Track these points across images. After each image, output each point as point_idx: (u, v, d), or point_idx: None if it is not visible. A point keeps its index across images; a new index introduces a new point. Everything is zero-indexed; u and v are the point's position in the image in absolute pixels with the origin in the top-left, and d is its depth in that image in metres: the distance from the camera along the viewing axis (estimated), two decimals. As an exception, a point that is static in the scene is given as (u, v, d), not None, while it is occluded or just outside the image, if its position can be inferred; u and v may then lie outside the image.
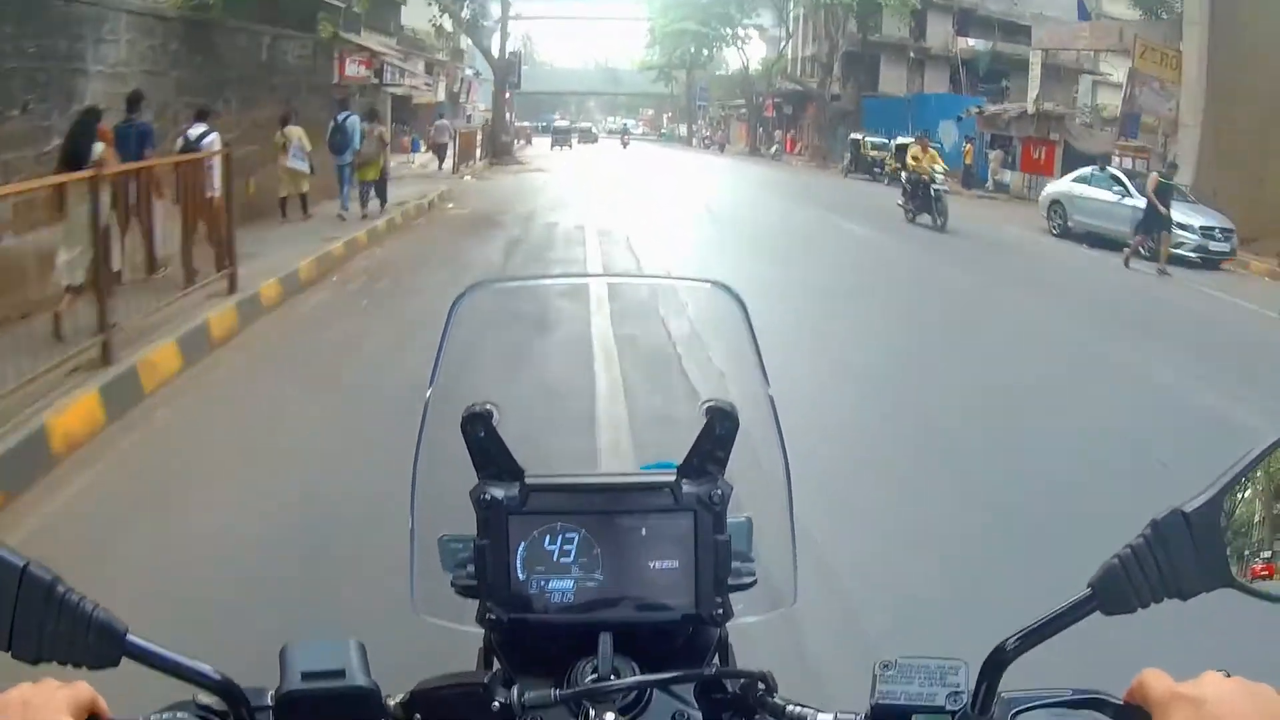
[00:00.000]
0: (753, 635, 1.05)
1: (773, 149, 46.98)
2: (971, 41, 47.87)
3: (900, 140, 29.34)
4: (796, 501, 1.03)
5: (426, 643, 1.05)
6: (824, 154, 40.28)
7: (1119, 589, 0.81)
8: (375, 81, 31.61)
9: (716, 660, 1.00)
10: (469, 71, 56.91)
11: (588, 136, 64.08)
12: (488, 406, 0.95)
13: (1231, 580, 0.80)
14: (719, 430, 0.95)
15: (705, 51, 70.49)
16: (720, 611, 0.96)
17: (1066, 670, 0.80)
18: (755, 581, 0.99)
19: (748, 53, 55.52)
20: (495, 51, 35.31)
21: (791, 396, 5.25)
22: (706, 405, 0.95)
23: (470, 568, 0.97)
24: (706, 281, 1.07)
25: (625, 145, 58.13)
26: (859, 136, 34.63)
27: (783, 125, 53.15)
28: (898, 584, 3.98)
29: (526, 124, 79.45)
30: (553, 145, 52.07)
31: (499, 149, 33.92)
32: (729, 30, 67.22)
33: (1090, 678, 0.85)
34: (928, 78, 45.94)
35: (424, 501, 0.99)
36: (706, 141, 63.96)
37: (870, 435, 6.07)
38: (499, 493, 0.94)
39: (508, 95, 40.49)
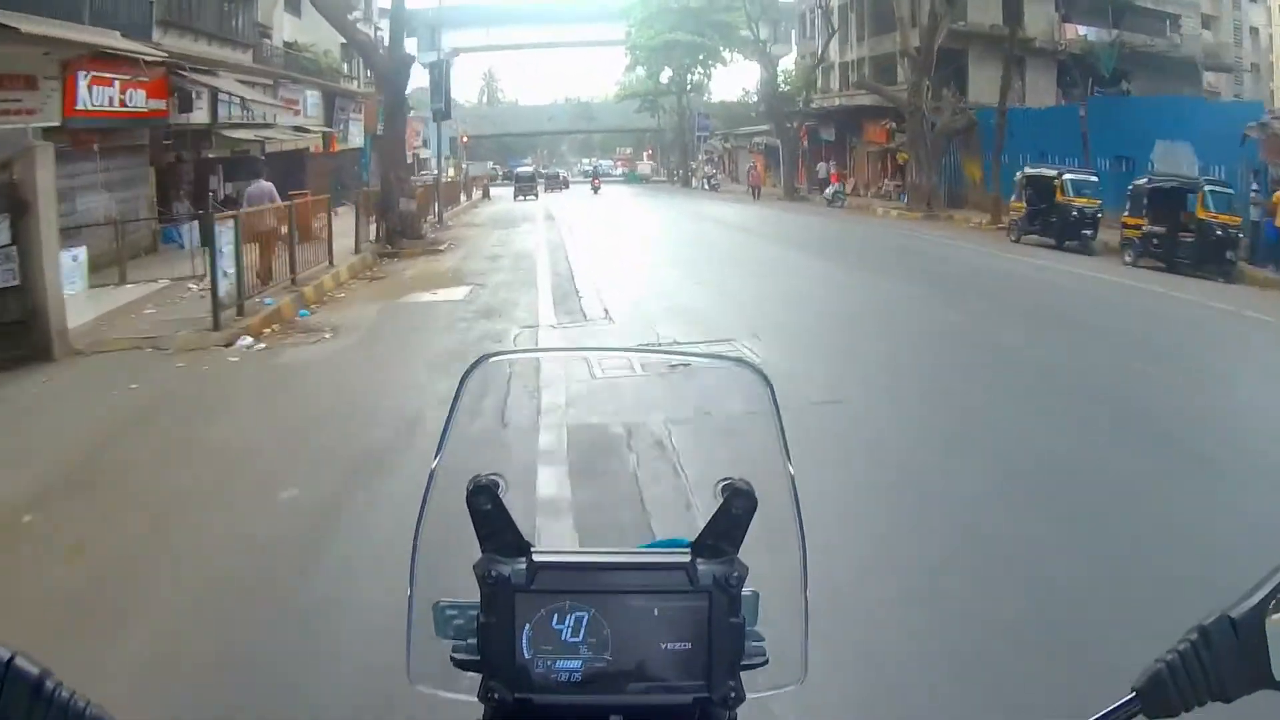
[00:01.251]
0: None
1: (829, 191, 33.67)
2: (1081, 30, 35.11)
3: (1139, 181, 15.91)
4: None
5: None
6: (927, 195, 27.03)
7: (1163, 693, 0.80)
8: (185, 119, 18.30)
9: None
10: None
11: (555, 183, 56.09)
12: (493, 477, 0.92)
13: (1275, 682, 0.79)
14: (735, 510, 0.92)
15: (698, 71, 58.00)
16: (734, 695, 0.92)
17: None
18: (767, 661, 0.95)
19: (766, 64, 42.34)
20: (391, 44, 21.15)
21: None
22: (724, 484, 0.93)
23: (470, 640, 0.93)
24: (730, 360, 1.05)
25: (596, 190, 50.56)
26: (1045, 173, 20.60)
27: (824, 155, 40.14)
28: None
29: (482, 173, 68.75)
30: (515, 196, 44.04)
31: (399, 223, 19.25)
32: (724, 46, 54.93)
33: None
34: (1028, 79, 33.16)
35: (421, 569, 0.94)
36: (711, 181, 50.89)
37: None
38: (505, 570, 0.91)
39: (428, 130, 27.15)
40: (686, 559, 0.92)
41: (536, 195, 44.02)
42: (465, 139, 62.35)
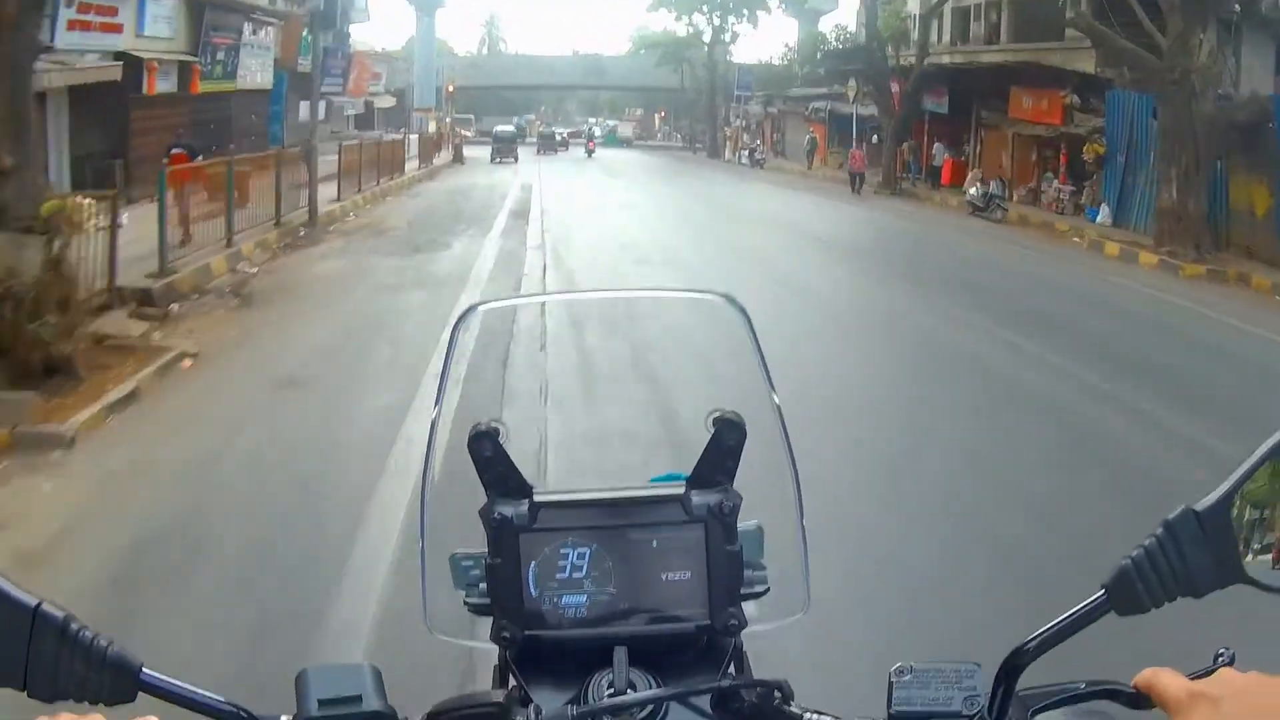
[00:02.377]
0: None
1: (973, 192, 21.60)
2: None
3: None
4: None
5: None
6: (1194, 231, 15.47)
7: (1132, 590, 0.81)
8: None
9: (732, 670, 0.96)
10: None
11: (549, 144, 48.38)
12: (494, 424, 0.94)
13: (1245, 576, 0.80)
14: (727, 441, 0.94)
15: (740, 16, 46.05)
16: (734, 622, 0.94)
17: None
18: (768, 590, 0.97)
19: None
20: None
21: None
22: (714, 416, 0.94)
23: (482, 585, 0.96)
24: (711, 294, 1.05)
25: (591, 154, 44.33)
26: None
27: (929, 133, 28.51)
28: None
29: (467, 131, 58.33)
30: (493, 158, 37.62)
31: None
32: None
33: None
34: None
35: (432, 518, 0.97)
36: (756, 155, 39.24)
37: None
38: (509, 511, 0.93)
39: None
40: (681, 490, 0.94)
41: (515, 158, 37.72)
42: (451, 89, 51.07)
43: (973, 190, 21.64)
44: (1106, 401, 7.18)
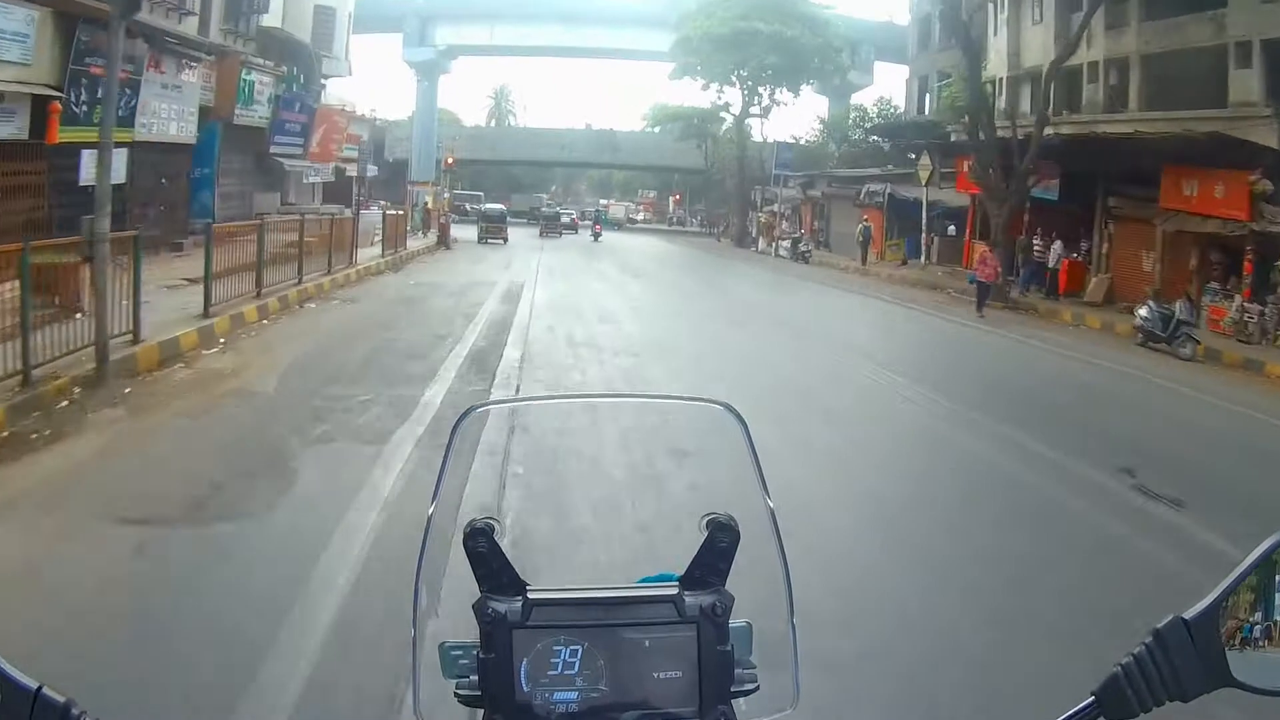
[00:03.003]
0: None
1: (1142, 313, 15.04)
2: None
3: None
4: None
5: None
6: None
7: (1122, 696, 0.83)
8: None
9: None
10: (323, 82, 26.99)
11: (552, 226, 44.22)
12: (489, 521, 0.97)
13: (1233, 680, 0.82)
14: (720, 543, 0.97)
15: (777, 88, 40.95)
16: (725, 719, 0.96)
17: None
18: (758, 688, 0.98)
19: (969, 51, 25.56)
20: None
21: None
22: (708, 519, 0.97)
23: (473, 677, 0.96)
24: (709, 402, 1.06)
25: (598, 238, 41.50)
26: None
27: (1029, 223, 22.69)
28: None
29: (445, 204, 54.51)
30: (480, 238, 35.59)
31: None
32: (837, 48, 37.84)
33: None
34: None
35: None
36: (800, 247, 33.62)
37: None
38: (502, 607, 0.95)
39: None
40: (674, 592, 0.96)
41: (505, 239, 35.95)
42: (451, 160, 46.40)
43: (1143, 312, 15.53)
44: None
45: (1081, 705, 0.85)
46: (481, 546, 0.95)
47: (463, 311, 14.37)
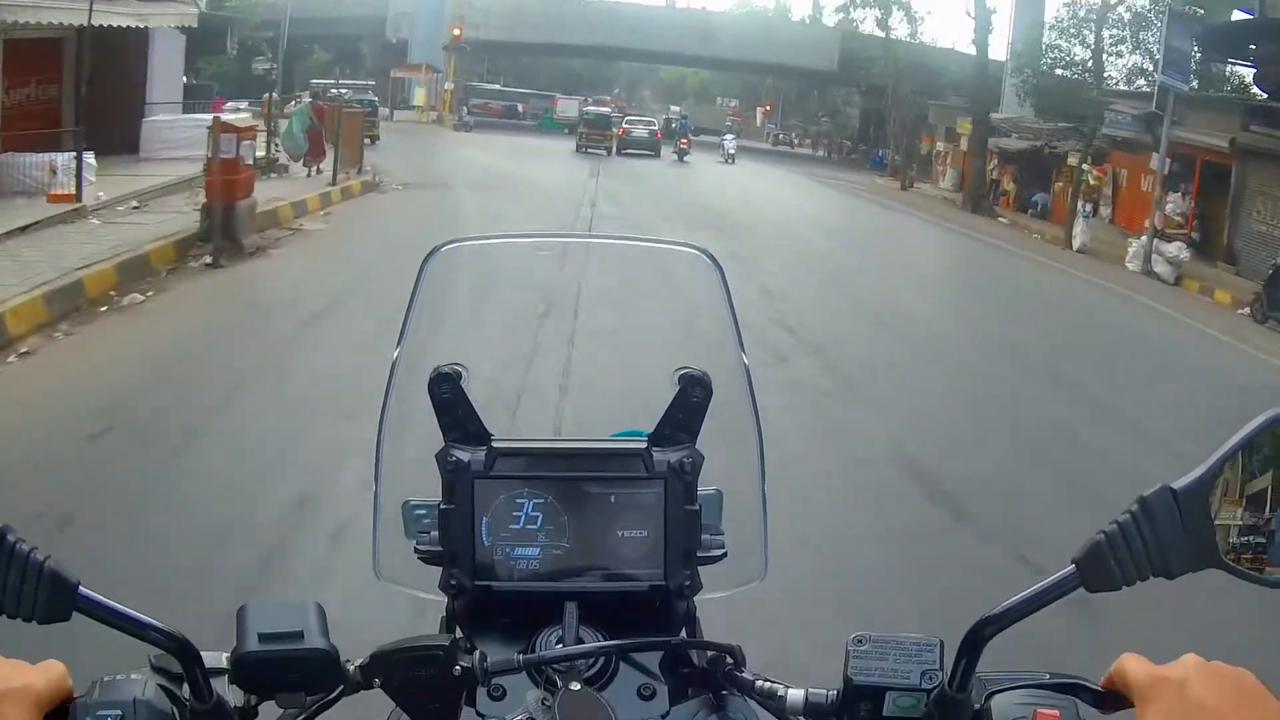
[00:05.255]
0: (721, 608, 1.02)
1: None
2: None
3: None
4: None
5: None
6: None
7: (1104, 566, 0.78)
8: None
9: (684, 633, 0.96)
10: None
11: (595, 132, 31.83)
12: (456, 367, 0.93)
13: (1220, 560, 0.78)
14: (692, 398, 0.94)
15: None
16: (689, 584, 0.94)
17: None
18: (725, 554, 0.97)
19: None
20: None
21: None
22: (680, 373, 0.94)
23: (434, 534, 0.95)
24: (688, 247, 1.04)
25: (682, 156, 31.69)
26: None
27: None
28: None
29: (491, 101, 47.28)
30: (579, 146, 29.77)
31: None
32: None
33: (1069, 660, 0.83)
34: None
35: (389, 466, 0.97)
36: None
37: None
38: (465, 456, 0.92)
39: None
40: (643, 445, 0.93)
41: (609, 151, 29.17)
42: (459, 33, 35.62)
43: None
44: None
45: (1061, 574, 0.78)
46: (446, 393, 0.92)
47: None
